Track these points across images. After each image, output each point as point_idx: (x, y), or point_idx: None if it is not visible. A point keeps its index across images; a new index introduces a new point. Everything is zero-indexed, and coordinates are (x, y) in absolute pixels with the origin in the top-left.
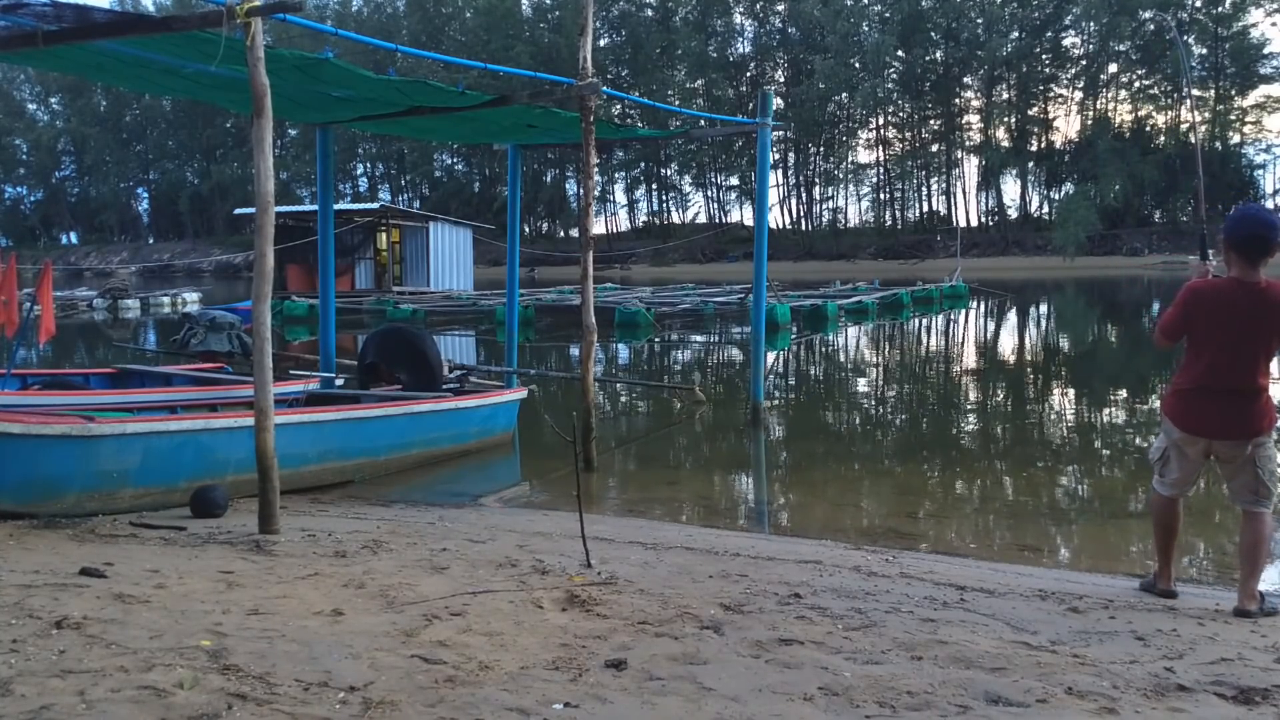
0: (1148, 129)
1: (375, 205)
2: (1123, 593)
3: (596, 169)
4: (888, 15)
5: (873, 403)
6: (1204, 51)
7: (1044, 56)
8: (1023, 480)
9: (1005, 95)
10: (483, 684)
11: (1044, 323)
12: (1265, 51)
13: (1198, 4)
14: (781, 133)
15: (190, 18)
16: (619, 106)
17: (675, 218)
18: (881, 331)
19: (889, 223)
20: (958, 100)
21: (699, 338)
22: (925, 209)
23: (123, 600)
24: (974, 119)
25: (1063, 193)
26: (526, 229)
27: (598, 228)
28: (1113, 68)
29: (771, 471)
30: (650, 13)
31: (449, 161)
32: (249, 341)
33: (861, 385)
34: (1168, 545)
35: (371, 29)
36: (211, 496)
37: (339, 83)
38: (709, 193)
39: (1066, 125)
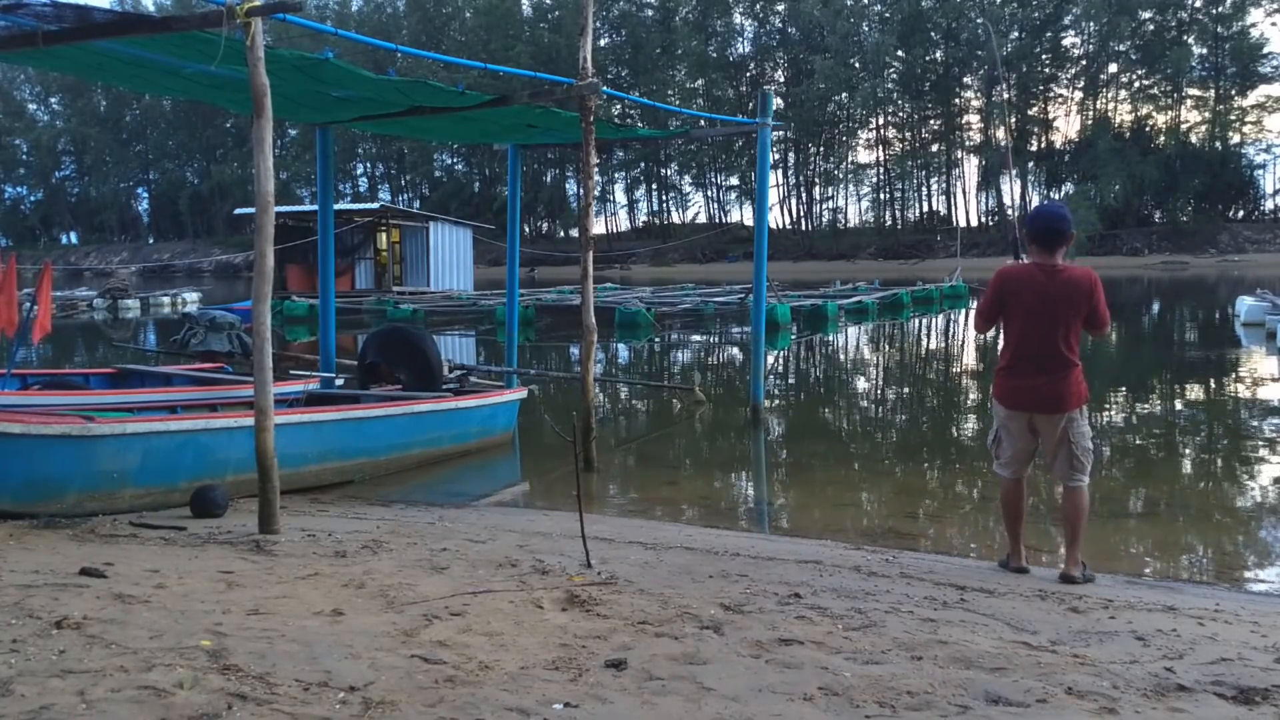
0: (1148, 129)
1: (375, 205)
2: (1122, 590)
3: (596, 169)
4: (888, 15)
5: (872, 403)
6: (1204, 51)
7: (1044, 56)
8: None
9: (1005, 95)
10: (483, 684)
11: None
12: (1265, 51)
13: (1198, 4)
14: (781, 133)
15: (190, 18)
16: (619, 106)
17: (675, 218)
18: (881, 331)
19: (889, 223)
20: (958, 100)
21: (699, 338)
22: (925, 209)
23: (123, 600)
24: (974, 119)
25: (1063, 193)
26: (526, 229)
27: (598, 228)
28: (1113, 68)
29: (771, 471)
30: (650, 13)
31: (449, 161)
32: (249, 341)
33: (861, 385)
34: (1015, 526)
35: (371, 29)
36: (211, 496)
37: (339, 83)
38: (709, 193)
39: (1066, 125)
